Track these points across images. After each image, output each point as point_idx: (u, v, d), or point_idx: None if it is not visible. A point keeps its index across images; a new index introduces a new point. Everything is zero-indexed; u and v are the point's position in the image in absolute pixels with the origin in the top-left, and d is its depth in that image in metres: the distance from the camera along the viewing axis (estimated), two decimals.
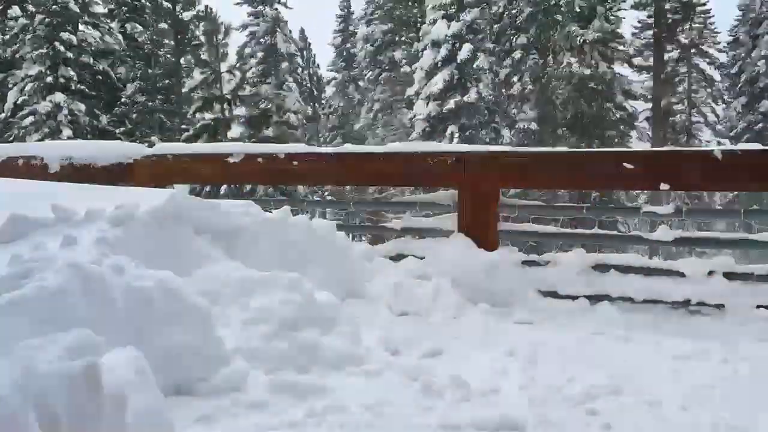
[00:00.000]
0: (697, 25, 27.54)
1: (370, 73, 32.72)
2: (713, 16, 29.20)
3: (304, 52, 41.12)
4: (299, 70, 39.61)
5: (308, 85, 40.06)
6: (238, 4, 28.25)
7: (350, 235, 5.23)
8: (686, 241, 4.46)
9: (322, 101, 40.73)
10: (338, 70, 40.20)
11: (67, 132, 21.68)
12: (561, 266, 4.47)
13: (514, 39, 22.57)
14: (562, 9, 21.48)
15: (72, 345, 2.04)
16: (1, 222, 2.98)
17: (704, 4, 27.97)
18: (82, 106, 22.82)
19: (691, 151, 4.55)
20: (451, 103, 22.19)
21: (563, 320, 3.92)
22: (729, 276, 4.17)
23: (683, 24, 26.54)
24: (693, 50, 27.84)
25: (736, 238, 4.57)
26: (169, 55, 26.28)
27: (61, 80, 22.70)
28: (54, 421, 1.77)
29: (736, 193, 16.75)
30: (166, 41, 26.24)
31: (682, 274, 4.26)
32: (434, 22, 22.73)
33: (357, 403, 2.54)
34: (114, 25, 26.45)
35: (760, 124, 25.54)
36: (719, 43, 29.88)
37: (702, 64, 28.84)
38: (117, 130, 23.62)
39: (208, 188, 15.34)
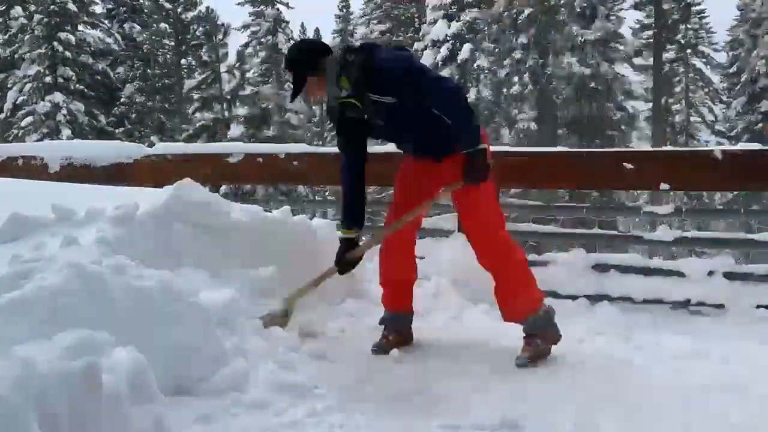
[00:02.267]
0: (693, 25, 27.56)
1: None
2: (708, 16, 29.20)
3: None
4: None
5: None
6: (239, 4, 28.25)
7: None
8: (686, 241, 4.47)
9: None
10: None
11: (66, 132, 21.67)
12: (561, 266, 4.48)
13: (514, 39, 22.55)
14: (562, 9, 21.49)
15: (72, 345, 2.05)
16: (1, 222, 2.98)
17: (699, 4, 27.97)
18: (82, 106, 22.80)
19: (689, 151, 4.54)
20: None
21: (563, 320, 3.90)
22: (729, 276, 4.17)
23: (681, 24, 26.55)
24: (689, 50, 27.85)
25: (736, 238, 4.58)
26: (168, 56, 26.26)
27: (60, 80, 22.69)
28: (54, 421, 1.77)
29: (736, 192, 16.73)
30: (166, 41, 26.21)
31: (682, 274, 4.26)
32: (434, 21, 22.73)
33: (358, 404, 2.54)
34: (113, 25, 26.46)
35: (760, 124, 25.51)
36: (716, 43, 29.88)
37: (699, 64, 28.85)
38: (116, 130, 23.62)
39: (207, 188, 15.34)
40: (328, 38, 41.18)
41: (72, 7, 22.82)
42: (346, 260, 3.29)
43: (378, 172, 5.17)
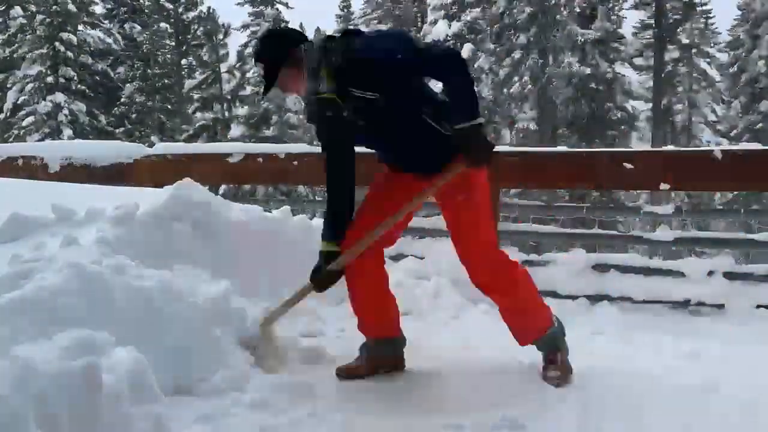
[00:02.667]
0: (697, 25, 27.55)
1: None
2: (714, 16, 29.21)
3: None
4: None
5: None
6: (239, 4, 28.26)
7: None
8: (686, 241, 4.47)
9: None
10: None
11: (67, 132, 21.68)
12: (561, 266, 4.48)
13: (514, 39, 22.57)
14: (562, 9, 21.52)
15: (72, 345, 2.05)
16: (1, 222, 2.98)
17: (705, 4, 27.97)
18: (83, 106, 22.82)
19: (689, 151, 4.55)
20: None
21: (563, 320, 3.90)
22: (729, 276, 4.17)
23: (684, 24, 26.55)
24: (693, 50, 27.84)
25: (736, 238, 4.58)
26: (168, 56, 26.27)
27: (62, 80, 22.70)
28: (54, 421, 1.78)
29: (736, 192, 16.72)
30: (166, 41, 26.23)
31: (682, 274, 4.26)
32: (435, 22, 22.74)
33: (358, 404, 2.54)
34: (113, 25, 26.48)
35: (760, 124, 25.51)
36: (719, 43, 29.88)
37: (702, 64, 28.82)
38: (117, 130, 23.63)
39: (207, 188, 15.34)
40: None
41: (72, 7, 22.83)
42: (327, 277, 2.83)
43: (379, 172, 5.20)
